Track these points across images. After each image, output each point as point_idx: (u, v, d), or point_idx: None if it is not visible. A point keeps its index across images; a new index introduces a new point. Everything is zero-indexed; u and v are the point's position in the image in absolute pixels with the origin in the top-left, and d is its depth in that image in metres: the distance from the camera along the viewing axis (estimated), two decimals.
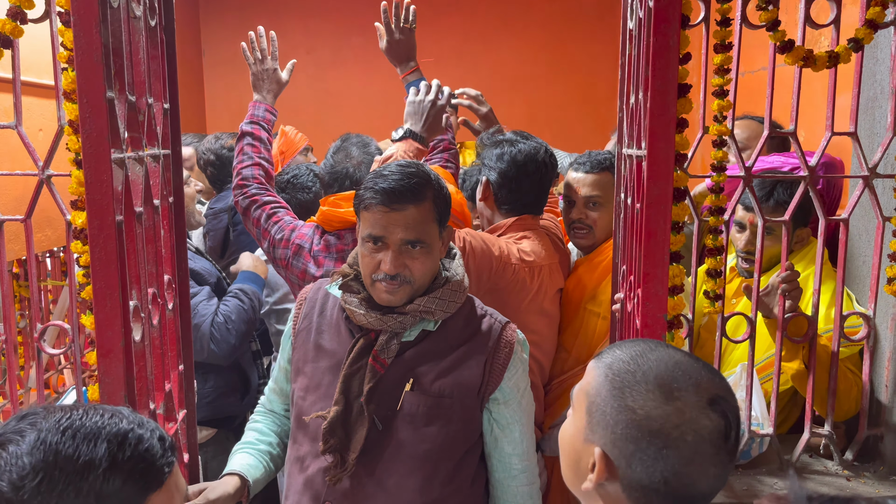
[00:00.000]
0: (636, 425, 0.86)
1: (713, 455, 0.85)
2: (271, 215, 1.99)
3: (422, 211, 1.37)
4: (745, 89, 2.84)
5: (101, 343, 1.22)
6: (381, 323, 1.39)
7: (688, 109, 1.32)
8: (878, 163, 1.65)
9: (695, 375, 0.88)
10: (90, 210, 1.18)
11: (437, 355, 1.41)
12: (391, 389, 1.40)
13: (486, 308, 1.50)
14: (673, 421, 0.85)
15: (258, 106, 2.17)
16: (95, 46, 1.16)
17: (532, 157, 1.96)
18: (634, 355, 0.91)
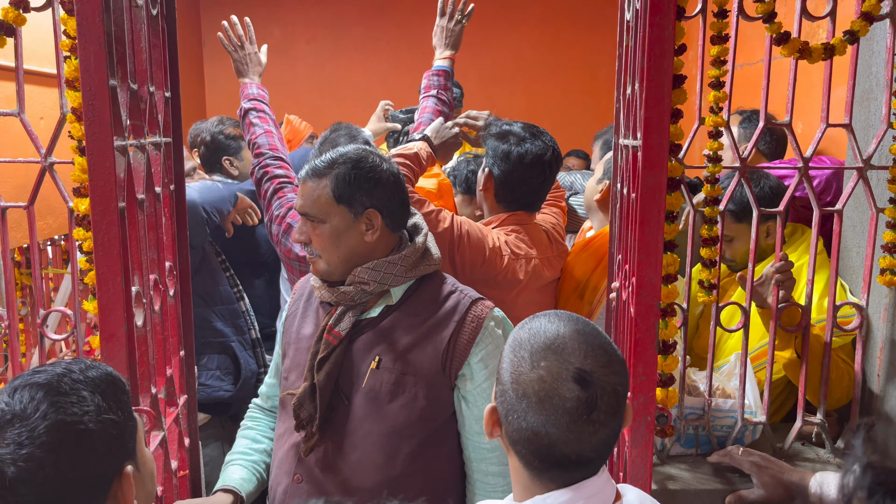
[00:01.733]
0: (511, 387, 0.97)
1: (571, 423, 0.93)
2: (277, 190, 2.03)
3: (317, 187, 1.45)
4: (745, 81, 2.86)
5: (104, 327, 1.24)
6: (331, 296, 1.48)
7: (682, 100, 1.34)
8: (872, 154, 1.67)
9: (570, 348, 0.95)
10: (93, 196, 1.20)
11: (401, 332, 1.45)
12: (357, 366, 1.45)
13: (458, 286, 1.52)
14: (535, 387, 0.94)
15: (249, 86, 2.22)
16: (98, 35, 1.17)
17: (539, 159, 1.94)
18: (533, 325, 1.00)
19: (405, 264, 1.47)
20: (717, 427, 1.75)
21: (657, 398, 1.40)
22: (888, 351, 1.71)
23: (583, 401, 0.92)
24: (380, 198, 1.46)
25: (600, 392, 0.93)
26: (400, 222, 1.52)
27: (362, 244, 1.46)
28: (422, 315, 1.46)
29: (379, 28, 4.59)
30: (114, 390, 0.97)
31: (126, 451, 0.96)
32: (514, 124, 2.01)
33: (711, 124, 1.66)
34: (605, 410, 0.94)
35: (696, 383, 1.79)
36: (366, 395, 1.44)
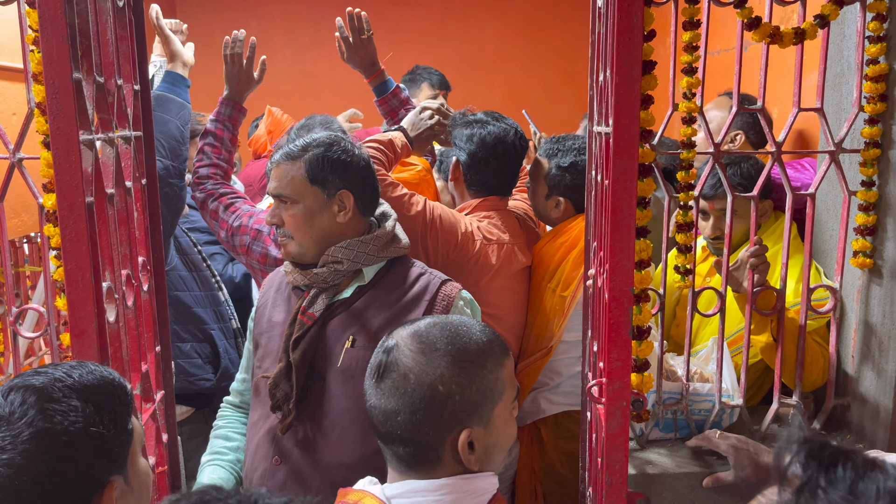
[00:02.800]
0: None
1: (367, 380, 1.09)
2: (228, 206, 2.01)
3: (291, 169, 1.49)
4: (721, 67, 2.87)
5: (74, 324, 1.23)
6: (304, 279, 1.52)
7: (652, 86, 1.34)
8: (843, 138, 1.68)
9: (415, 328, 1.09)
10: (59, 191, 1.18)
11: (374, 311, 1.49)
12: (332, 346, 1.49)
13: (427, 268, 1.58)
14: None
15: (227, 104, 2.16)
16: (60, 27, 1.15)
17: (501, 140, 1.98)
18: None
19: (377, 244, 1.53)
20: (696, 411, 1.77)
21: (632, 383, 1.40)
22: (862, 332, 1.73)
23: (376, 364, 1.07)
24: (352, 180, 1.51)
25: (392, 365, 1.05)
26: (370, 206, 1.57)
27: (334, 225, 1.51)
28: (393, 295, 1.51)
29: None
30: (110, 401, 0.95)
31: (114, 464, 0.94)
32: (478, 113, 2.05)
33: (685, 110, 1.67)
34: (389, 384, 1.04)
35: (674, 368, 1.81)
36: (342, 373, 1.47)
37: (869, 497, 0.55)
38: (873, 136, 1.65)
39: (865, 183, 1.68)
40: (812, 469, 0.58)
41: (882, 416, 1.68)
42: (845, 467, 0.57)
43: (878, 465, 0.57)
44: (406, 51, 4.54)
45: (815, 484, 0.57)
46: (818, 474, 0.57)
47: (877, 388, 1.70)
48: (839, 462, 0.58)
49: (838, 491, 0.56)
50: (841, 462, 0.58)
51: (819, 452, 0.59)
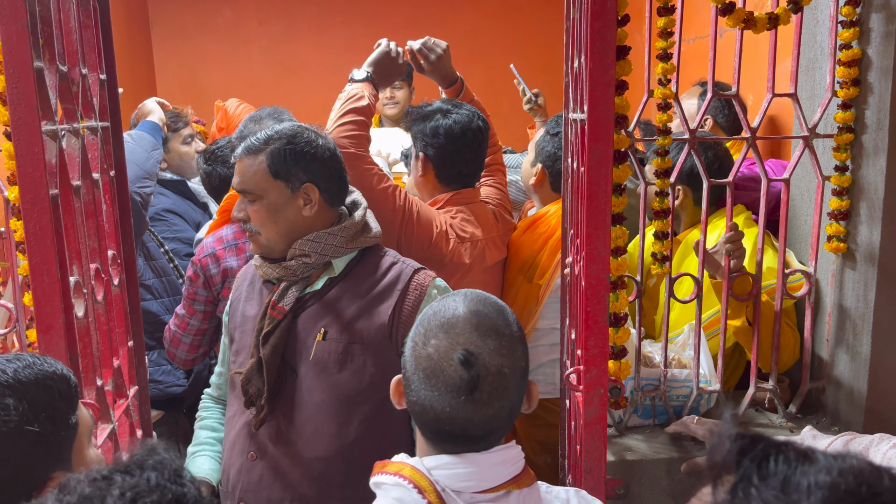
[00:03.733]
0: (410, 359, 1.01)
1: (453, 401, 0.95)
2: (185, 315, 1.89)
3: (253, 164, 1.46)
4: (697, 54, 2.87)
5: (41, 320, 1.20)
6: (273, 272, 1.49)
7: (626, 72, 1.33)
8: (817, 123, 1.68)
9: (461, 327, 0.98)
10: (22, 183, 1.15)
11: (345, 303, 1.47)
12: (304, 339, 1.47)
13: (399, 257, 1.55)
14: (424, 363, 0.98)
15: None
16: (20, 14, 1.12)
17: (468, 127, 1.93)
18: (440, 303, 1.04)
19: (345, 235, 1.49)
20: (674, 397, 1.77)
21: (610, 370, 1.40)
22: (836, 316, 1.74)
23: (465, 381, 0.94)
24: (316, 172, 1.48)
25: (483, 373, 0.95)
26: (338, 197, 1.54)
27: (301, 219, 1.48)
28: (365, 285, 1.48)
29: (332, 8, 4.51)
30: (47, 396, 0.93)
31: (55, 460, 0.92)
32: (434, 103, 1.99)
33: (660, 97, 1.67)
34: (489, 391, 0.95)
35: (652, 355, 1.81)
36: (314, 366, 1.45)
37: (801, 492, 0.54)
38: (846, 120, 1.65)
39: (839, 168, 1.69)
40: (745, 465, 0.57)
41: (857, 399, 1.70)
42: (777, 461, 0.56)
43: (809, 457, 0.56)
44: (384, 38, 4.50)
45: (748, 481, 0.57)
46: (751, 471, 0.56)
47: (851, 371, 1.71)
48: (771, 456, 0.57)
49: (770, 488, 0.55)
50: (773, 456, 0.57)
51: (751, 448, 0.58)
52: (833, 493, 0.53)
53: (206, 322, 1.89)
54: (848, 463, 0.55)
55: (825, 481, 0.54)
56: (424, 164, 1.97)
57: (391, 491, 0.96)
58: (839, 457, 0.56)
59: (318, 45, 4.52)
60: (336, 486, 1.46)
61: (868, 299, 1.66)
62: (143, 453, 0.68)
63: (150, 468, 0.65)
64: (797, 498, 0.54)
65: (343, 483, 1.46)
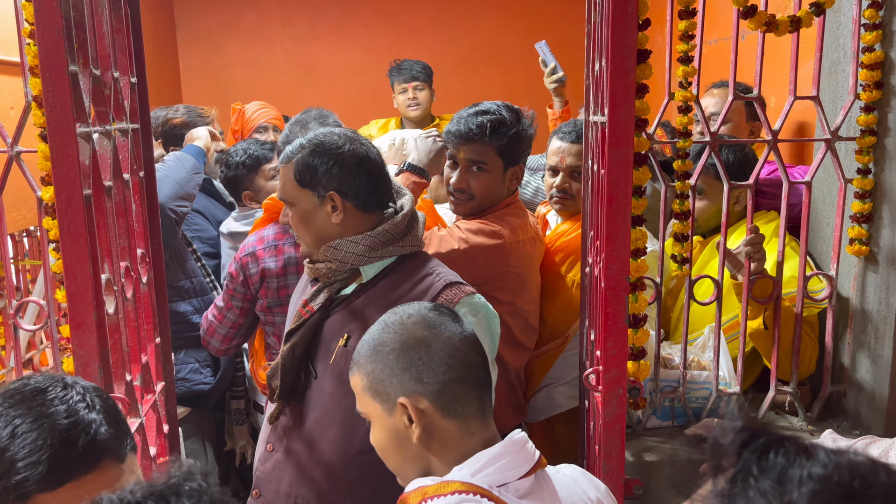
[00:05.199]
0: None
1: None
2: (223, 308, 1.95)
3: (286, 172, 1.50)
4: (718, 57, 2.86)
5: (74, 316, 1.24)
6: (310, 273, 1.53)
7: (647, 75, 1.34)
8: (839, 126, 1.68)
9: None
10: (57, 184, 1.19)
11: (372, 311, 1.45)
12: (328, 342, 1.48)
13: (437, 268, 1.50)
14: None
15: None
16: (56, 19, 1.15)
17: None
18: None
19: (369, 244, 1.47)
20: (693, 399, 1.78)
21: (629, 371, 1.41)
22: (858, 320, 1.74)
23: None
24: (342, 180, 1.46)
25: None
26: (371, 202, 1.50)
27: (330, 225, 1.48)
28: (394, 295, 1.46)
29: (354, 10, 4.55)
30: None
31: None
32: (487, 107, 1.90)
33: (681, 99, 1.67)
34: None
35: (671, 356, 1.82)
36: (331, 370, 1.46)
37: (794, 483, 0.55)
38: (869, 123, 1.65)
39: (861, 171, 1.68)
40: (745, 457, 0.58)
41: (878, 403, 1.70)
42: (777, 454, 0.57)
43: (809, 452, 0.57)
44: (403, 43, 4.53)
45: (747, 472, 0.57)
46: (751, 462, 0.57)
47: (873, 375, 1.71)
48: (771, 449, 0.57)
49: (768, 479, 0.56)
50: (773, 449, 0.57)
51: (753, 440, 0.58)
52: (824, 485, 0.54)
53: (243, 317, 1.94)
54: (846, 458, 0.56)
55: (818, 473, 0.55)
56: (518, 175, 1.93)
57: None
58: (840, 452, 0.56)
59: (339, 47, 4.56)
60: (337, 493, 1.46)
61: (890, 302, 1.65)
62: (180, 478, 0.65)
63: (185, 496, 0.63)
64: (790, 489, 0.54)
65: (344, 491, 1.46)
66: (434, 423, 1.02)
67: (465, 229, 1.82)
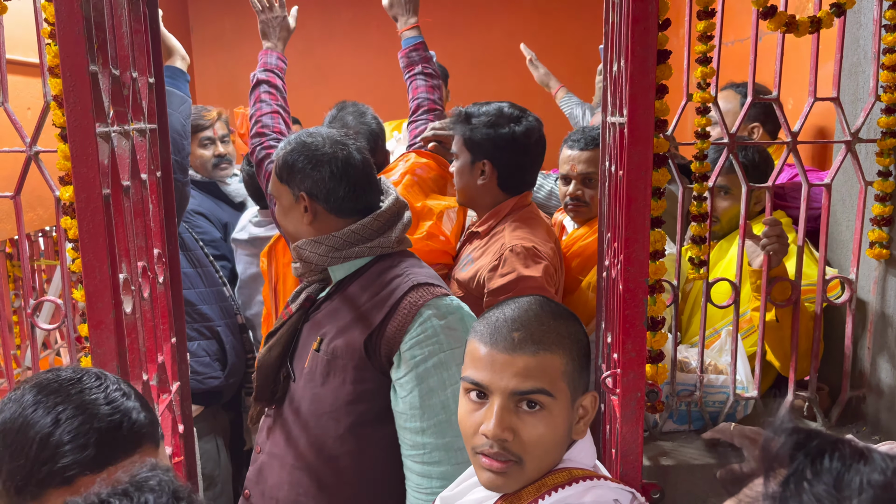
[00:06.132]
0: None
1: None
2: None
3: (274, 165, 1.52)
4: (736, 57, 2.85)
5: (92, 315, 1.24)
6: (292, 270, 1.56)
7: (667, 76, 1.33)
8: (860, 128, 1.66)
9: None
10: (77, 184, 1.19)
11: (343, 314, 1.44)
12: (305, 345, 1.48)
13: (408, 269, 1.45)
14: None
15: (270, 54, 2.13)
16: (77, 20, 1.16)
17: (540, 134, 1.87)
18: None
19: (331, 244, 1.44)
20: (710, 403, 1.76)
21: (647, 374, 1.40)
22: (878, 323, 1.72)
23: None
24: (314, 182, 1.45)
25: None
26: (346, 207, 1.47)
27: (303, 226, 1.49)
28: (364, 297, 1.43)
29: (368, 12, 4.55)
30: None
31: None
32: (492, 105, 1.87)
33: (699, 100, 1.66)
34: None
35: (688, 360, 1.80)
36: (305, 375, 1.46)
37: (853, 489, 0.53)
38: (890, 125, 1.63)
39: (882, 173, 1.67)
40: (799, 460, 0.56)
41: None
42: (832, 458, 0.56)
43: (865, 456, 0.55)
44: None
45: (801, 475, 0.56)
46: (804, 465, 0.56)
47: (893, 379, 1.69)
48: (826, 452, 0.56)
49: (823, 483, 0.55)
50: (828, 452, 0.56)
51: (806, 442, 0.57)
52: (885, 493, 0.53)
53: None
54: None
55: (878, 480, 0.53)
56: (490, 172, 1.85)
57: (608, 492, 1.04)
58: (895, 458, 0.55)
59: (353, 49, 4.57)
60: (311, 498, 1.45)
61: None
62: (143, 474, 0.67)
63: (148, 490, 0.65)
64: (848, 494, 0.53)
65: (317, 496, 1.44)
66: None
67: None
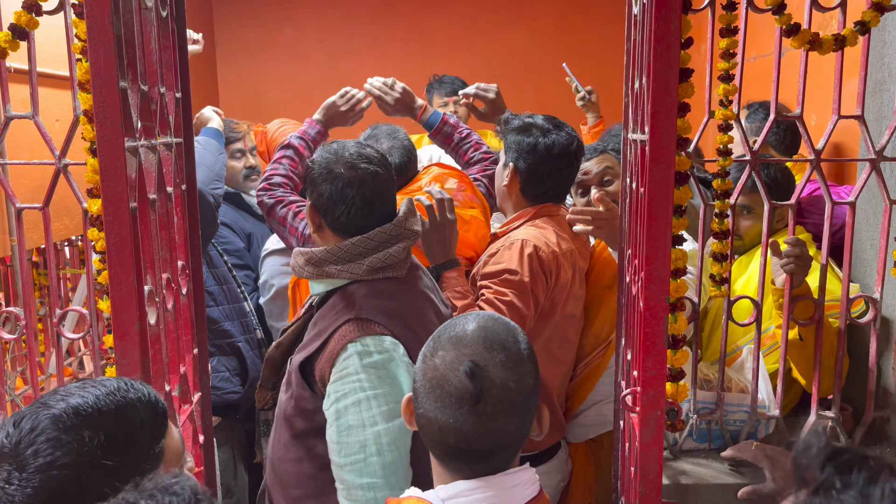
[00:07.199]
0: (418, 374, 1.05)
1: (457, 412, 0.98)
2: (297, 213, 1.99)
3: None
4: (756, 73, 2.84)
5: (118, 326, 1.26)
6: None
7: (689, 94, 1.33)
8: (885, 146, 1.65)
9: (468, 341, 1.01)
10: (105, 197, 1.21)
11: (311, 330, 1.51)
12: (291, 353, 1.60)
13: (358, 300, 1.45)
14: (430, 374, 1.02)
15: (315, 126, 2.21)
16: (108, 37, 1.18)
17: (566, 150, 1.91)
18: (455, 320, 1.07)
19: (307, 258, 1.49)
20: (730, 421, 1.75)
21: (667, 393, 1.39)
22: None
23: (469, 392, 0.97)
24: (321, 195, 1.51)
25: (488, 385, 0.97)
26: (341, 227, 1.50)
27: (312, 232, 1.58)
28: (320, 321, 1.49)
29: (390, 26, 4.60)
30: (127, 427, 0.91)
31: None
32: (534, 117, 1.97)
33: (721, 118, 1.66)
34: (493, 404, 0.97)
35: (708, 377, 1.79)
36: (284, 382, 1.57)
37: (875, 498, 0.57)
38: None
39: None
40: (829, 472, 0.60)
41: None
42: (860, 471, 0.59)
43: (893, 469, 0.59)
44: (438, 57, 4.56)
45: (829, 485, 0.60)
46: (834, 477, 0.60)
47: None
48: (854, 465, 0.60)
49: (850, 493, 0.58)
50: (856, 465, 0.60)
51: (837, 456, 0.61)
52: None
53: None
54: None
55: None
56: (513, 176, 1.95)
57: None
58: None
59: (375, 63, 4.60)
60: (271, 494, 1.57)
61: None
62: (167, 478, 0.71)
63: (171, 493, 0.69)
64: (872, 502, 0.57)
65: (272, 494, 1.56)
66: None
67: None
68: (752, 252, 2.02)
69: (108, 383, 0.95)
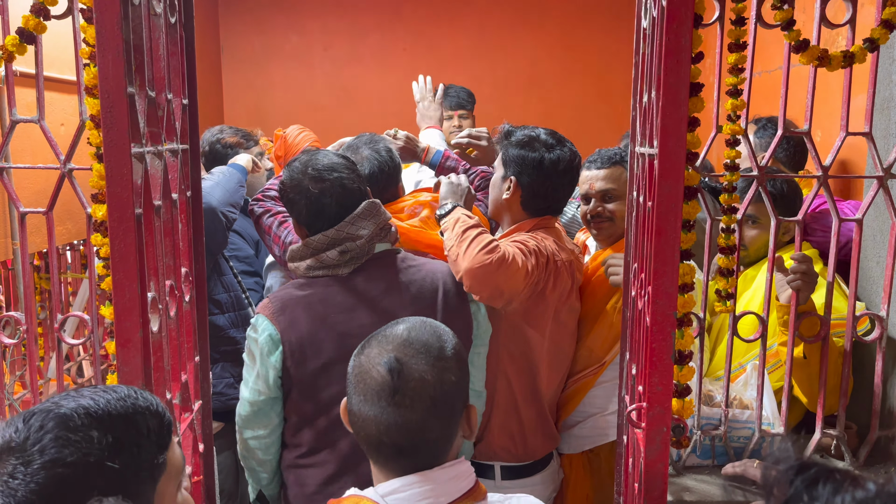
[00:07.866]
0: (349, 370, 1.11)
1: (376, 403, 1.05)
2: (283, 222, 2.05)
3: None
4: (763, 88, 2.84)
5: (120, 333, 1.25)
6: None
7: (699, 108, 1.33)
8: (892, 163, 1.64)
9: (393, 341, 1.08)
10: (110, 203, 1.21)
11: None
12: None
13: (284, 287, 1.76)
14: (356, 370, 1.09)
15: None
16: (116, 43, 1.18)
17: (570, 166, 1.94)
18: (387, 325, 1.14)
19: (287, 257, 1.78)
20: (735, 438, 1.73)
21: (673, 409, 1.38)
22: None
23: (388, 383, 1.04)
24: (296, 203, 1.74)
25: (406, 377, 1.04)
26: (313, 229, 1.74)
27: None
28: None
29: (395, 35, 4.61)
30: (134, 433, 0.91)
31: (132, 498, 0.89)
32: (535, 130, 1.98)
33: (729, 132, 1.65)
34: (411, 395, 1.03)
35: (713, 393, 1.77)
36: None
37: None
38: None
39: None
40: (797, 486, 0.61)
41: None
42: (825, 484, 0.61)
43: (858, 484, 0.60)
44: (442, 69, 4.57)
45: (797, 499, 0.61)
46: (801, 490, 0.61)
47: None
48: (821, 479, 0.61)
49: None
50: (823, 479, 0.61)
51: (804, 470, 0.62)
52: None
53: None
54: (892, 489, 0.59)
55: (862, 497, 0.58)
56: (515, 189, 1.95)
57: None
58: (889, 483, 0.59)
59: (380, 71, 4.62)
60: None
61: None
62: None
63: None
64: None
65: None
66: None
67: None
68: (757, 265, 2.02)
69: (119, 390, 0.95)
